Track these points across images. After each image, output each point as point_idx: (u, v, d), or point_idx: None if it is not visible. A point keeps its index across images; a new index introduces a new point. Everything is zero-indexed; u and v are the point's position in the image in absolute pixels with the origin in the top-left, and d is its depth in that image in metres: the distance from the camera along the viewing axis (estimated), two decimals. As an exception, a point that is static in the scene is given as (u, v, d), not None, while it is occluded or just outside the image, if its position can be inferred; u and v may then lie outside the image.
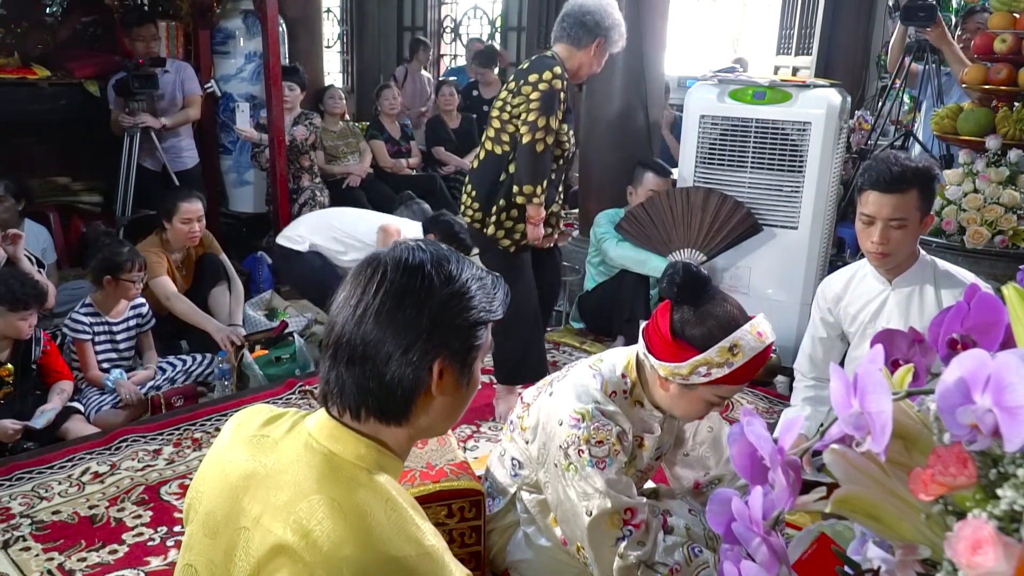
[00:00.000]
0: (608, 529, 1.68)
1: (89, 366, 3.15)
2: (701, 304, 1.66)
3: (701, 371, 1.64)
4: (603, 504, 1.67)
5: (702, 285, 1.69)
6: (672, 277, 1.69)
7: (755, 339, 1.63)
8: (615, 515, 1.68)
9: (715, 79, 3.64)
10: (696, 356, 1.63)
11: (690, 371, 1.65)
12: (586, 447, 1.68)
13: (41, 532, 2.28)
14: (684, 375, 1.66)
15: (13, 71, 4.28)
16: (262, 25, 4.44)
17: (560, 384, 1.84)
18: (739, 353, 1.62)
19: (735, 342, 1.62)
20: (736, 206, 3.46)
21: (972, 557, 0.64)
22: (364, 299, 1.04)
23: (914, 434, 0.76)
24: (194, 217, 3.58)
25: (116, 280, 3.16)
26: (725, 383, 1.66)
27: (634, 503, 1.71)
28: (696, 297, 1.67)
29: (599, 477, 1.67)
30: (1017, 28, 3.37)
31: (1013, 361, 0.64)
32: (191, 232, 3.60)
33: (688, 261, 1.80)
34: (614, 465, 1.69)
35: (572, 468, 1.70)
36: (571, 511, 1.72)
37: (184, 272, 3.74)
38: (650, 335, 1.72)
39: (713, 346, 1.62)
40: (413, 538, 0.98)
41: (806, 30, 6.23)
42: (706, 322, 1.64)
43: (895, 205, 2.10)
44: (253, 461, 1.07)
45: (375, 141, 5.60)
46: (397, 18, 8.95)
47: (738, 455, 0.84)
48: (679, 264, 1.73)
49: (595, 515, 1.67)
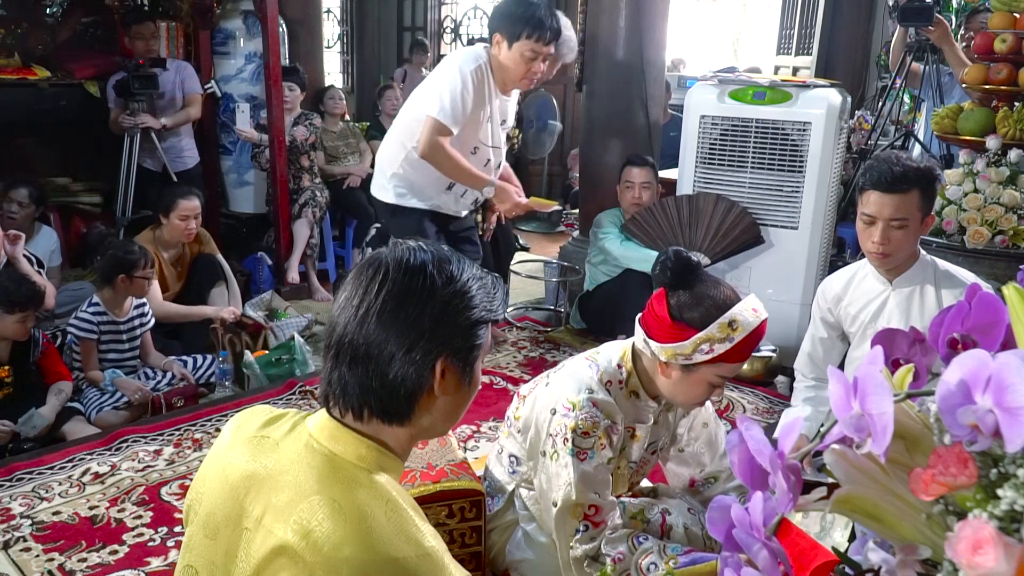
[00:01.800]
0: (570, 519, 1.72)
1: (90, 365, 3.15)
2: (695, 287, 1.71)
3: (704, 348, 1.67)
4: (568, 495, 1.70)
5: (694, 269, 1.73)
6: (664, 263, 1.73)
7: (751, 314, 1.69)
8: (579, 508, 1.71)
9: (715, 79, 3.64)
10: (697, 334, 1.67)
11: (693, 349, 1.68)
12: (571, 436, 1.71)
13: (41, 533, 2.28)
14: (687, 354, 1.68)
15: (13, 71, 4.27)
16: (262, 25, 4.44)
17: (556, 375, 1.87)
18: (738, 328, 1.67)
19: (733, 317, 1.67)
20: (742, 214, 3.46)
21: (973, 557, 0.63)
22: (366, 299, 1.04)
23: (915, 434, 0.76)
24: (191, 215, 3.59)
25: (130, 278, 3.17)
26: (726, 360, 1.70)
27: (601, 502, 1.73)
28: (689, 281, 1.71)
29: (575, 468, 1.70)
30: (1017, 28, 3.37)
31: (1014, 362, 0.64)
32: (187, 229, 3.61)
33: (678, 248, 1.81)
34: (595, 459, 1.72)
35: (555, 456, 1.73)
36: (548, 499, 1.75)
37: (178, 270, 3.74)
38: (648, 322, 1.75)
39: (712, 323, 1.66)
40: (413, 539, 0.98)
41: (806, 30, 6.23)
42: (703, 302, 1.69)
43: (896, 205, 2.10)
44: (254, 462, 1.08)
45: (375, 142, 5.59)
46: (397, 18, 8.95)
47: (738, 462, 0.84)
48: (670, 250, 1.76)
49: (560, 505, 1.71)
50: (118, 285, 3.18)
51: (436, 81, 3.01)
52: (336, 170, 5.19)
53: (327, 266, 5.03)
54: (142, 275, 3.19)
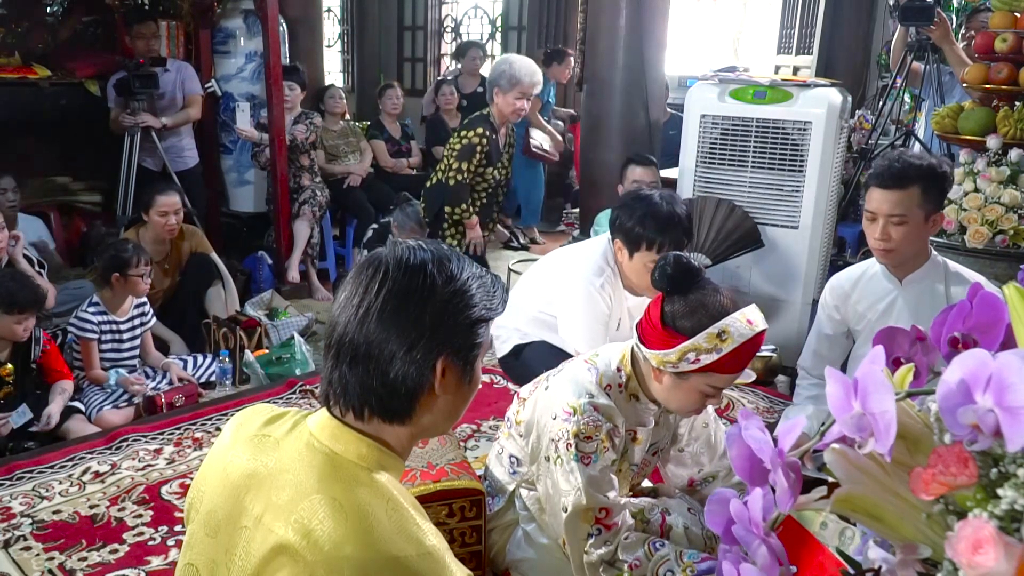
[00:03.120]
0: (581, 524, 1.70)
1: (92, 365, 3.15)
2: (692, 294, 1.67)
3: (690, 357, 1.64)
4: (579, 500, 1.68)
5: (693, 276, 1.69)
6: (663, 268, 1.70)
7: (744, 326, 1.63)
8: (589, 512, 1.69)
9: (716, 78, 3.64)
10: (684, 343, 1.63)
11: (679, 358, 1.64)
12: (574, 441, 1.69)
13: (42, 532, 2.28)
14: (673, 362, 1.65)
15: (14, 71, 4.28)
16: (263, 25, 4.44)
17: (556, 379, 1.85)
18: (728, 339, 1.62)
19: (723, 328, 1.62)
20: (743, 217, 3.45)
21: (973, 557, 0.64)
22: (367, 299, 1.04)
23: (915, 434, 0.76)
24: (171, 210, 3.56)
25: (125, 277, 3.17)
26: (716, 371, 1.65)
27: (610, 503, 1.72)
28: (687, 287, 1.68)
29: (581, 473, 1.68)
30: (1018, 27, 3.37)
31: (1014, 361, 0.64)
32: (168, 225, 3.58)
33: (679, 252, 1.78)
34: (599, 462, 1.70)
35: (559, 461, 1.71)
36: (556, 505, 1.74)
37: (166, 267, 3.71)
38: (643, 326, 1.73)
39: (701, 332, 1.62)
40: (414, 538, 0.98)
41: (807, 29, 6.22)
42: (696, 311, 1.65)
43: (895, 201, 2.11)
44: (254, 461, 1.08)
45: (375, 141, 5.60)
46: (397, 17, 8.95)
47: (737, 457, 0.83)
48: (670, 255, 1.72)
49: (570, 511, 1.69)
50: (114, 284, 3.18)
51: (567, 304, 2.67)
52: (336, 169, 5.19)
53: (327, 265, 5.03)
54: (136, 273, 3.18)
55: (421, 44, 8.85)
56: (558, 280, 2.76)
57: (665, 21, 4.15)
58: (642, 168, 3.73)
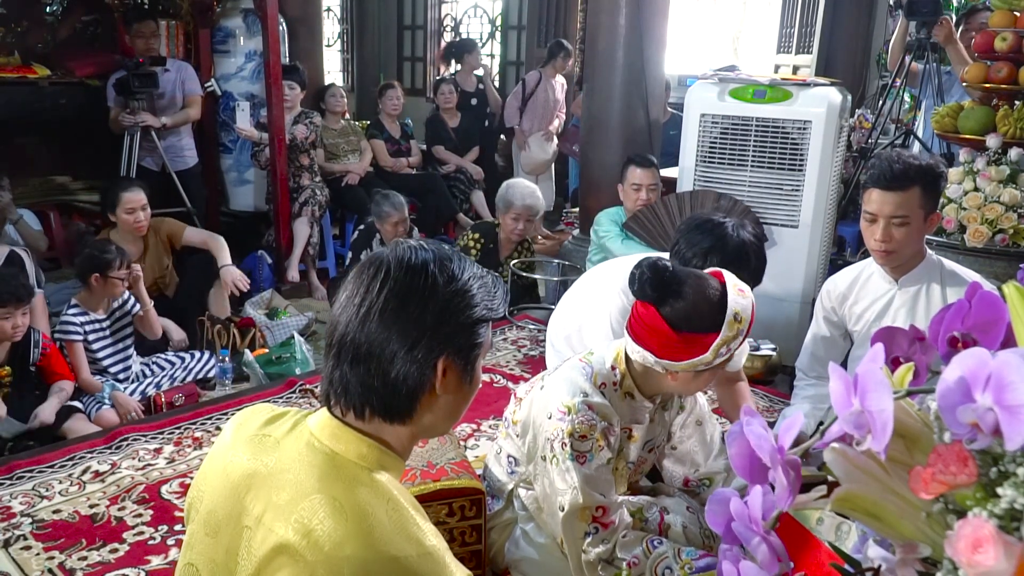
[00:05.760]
0: (578, 523, 1.70)
1: (81, 368, 3.11)
2: (682, 291, 1.63)
3: (723, 352, 1.63)
4: (575, 499, 1.68)
5: (672, 276, 1.64)
6: (641, 279, 1.64)
7: (741, 297, 1.64)
8: (586, 511, 1.69)
9: (715, 77, 3.64)
10: (714, 340, 1.61)
11: (714, 356, 1.63)
12: (569, 440, 1.69)
13: (42, 531, 2.28)
14: (708, 361, 1.63)
15: (13, 70, 4.28)
16: (262, 24, 4.44)
17: (551, 378, 1.85)
18: (742, 319, 1.62)
19: (735, 310, 1.61)
20: (744, 211, 3.45)
21: (972, 556, 0.64)
22: (368, 298, 1.04)
23: (915, 433, 0.76)
24: (137, 206, 3.54)
25: (104, 278, 3.14)
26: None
27: (607, 502, 1.71)
28: (672, 289, 1.63)
29: (577, 472, 1.68)
30: (1018, 27, 3.37)
31: (1014, 360, 0.65)
32: (136, 222, 3.56)
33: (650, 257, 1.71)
34: (595, 461, 1.70)
35: (555, 460, 1.71)
36: (553, 504, 1.74)
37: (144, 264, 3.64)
38: (647, 341, 1.67)
39: (722, 324, 1.61)
40: (414, 538, 0.99)
41: (806, 29, 6.22)
42: (699, 306, 1.62)
43: (897, 203, 2.10)
44: (255, 460, 1.08)
45: (375, 140, 5.60)
46: (397, 16, 8.95)
47: (737, 455, 0.84)
48: (643, 263, 1.66)
49: (567, 509, 1.69)
50: (93, 285, 3.14)
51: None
52: (336, 168, 5.19)
53: (327, 264, 5.03)
54: (116, 275, 3.14)
55: (421, 43, 8.84)
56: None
57: (665, 20, 4.14)
58: (642, 169, 3.73)
